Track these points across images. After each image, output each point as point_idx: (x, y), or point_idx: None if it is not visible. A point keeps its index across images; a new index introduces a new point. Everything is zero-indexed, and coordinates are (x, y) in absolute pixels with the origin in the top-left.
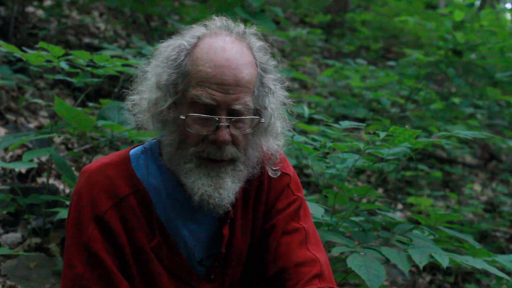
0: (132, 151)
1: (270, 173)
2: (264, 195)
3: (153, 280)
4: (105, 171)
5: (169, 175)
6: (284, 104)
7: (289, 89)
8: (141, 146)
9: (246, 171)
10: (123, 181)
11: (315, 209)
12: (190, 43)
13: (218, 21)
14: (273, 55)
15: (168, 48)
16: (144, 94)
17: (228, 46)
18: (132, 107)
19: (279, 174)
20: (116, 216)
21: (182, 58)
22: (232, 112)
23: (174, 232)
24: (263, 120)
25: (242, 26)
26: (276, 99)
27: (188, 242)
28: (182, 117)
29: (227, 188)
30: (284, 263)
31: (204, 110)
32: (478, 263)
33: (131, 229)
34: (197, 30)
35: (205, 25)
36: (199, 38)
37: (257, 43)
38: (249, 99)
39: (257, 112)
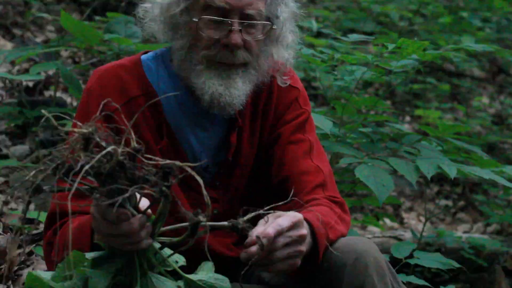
0: (143, 56)
1: (279, 82)
2: (273, 107)
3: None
4: (116, 72)
5: (179, 81)
6: (295, 16)
7: (297, 2)
8: (152, 52)
9: (257, 76)
10: (134, 83)
11: (323, 123)
12: None
13: None
14: None
15: None
16: (156, 0)
17: None
18: (143, 15)
19: (288, 84)
20: (125, 115)
21: None
22: (245, 17)
23: (181, 138)
24: (275, 26)
25: None
26: (288, 9)
27: (195, 148)
28: (195, 19)
29: (238, 88)
30: (288, 172)
31: (217, 14)
32: (486, 174)
33: (140, 129)
34: None
35: None
36: None
37: None
38: (262, 5)
39: (269, 19)
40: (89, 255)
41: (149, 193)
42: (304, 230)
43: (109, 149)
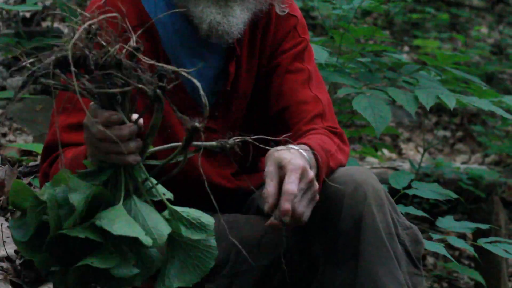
0: None
1: (278, 10)
2: (271, 35)
3: (163, 122)
4: (113, 2)
5: (177, 11)
6: None
7: None
8: None
9: (255, 4)
10: (130, 12)
11: (319, 53)
12: None
13: None
14: None
15: None
16: None
17: None
18: None
19: (286, 12)
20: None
21: None
22: None
23: (178, 68)
24: None
25: None
26: None
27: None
28: None
29: (236, 16)
30: (287, 101)
31: None
32: (484, 104)
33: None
34: None
35: None
36: None
37: None
38: None
39: None
40: (78, 171)
41: (142, 100)
42: (311, 174)
43: (111, 48)
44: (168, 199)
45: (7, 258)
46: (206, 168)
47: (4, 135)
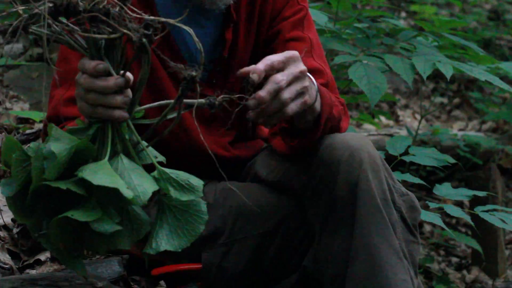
0: None
1: None
2: (271, 2)
3: (155, 83)
4: None
5: None
6: None
7: None
8: None
9: None
10: None
11: (318, 17)
12: None
13: None
14: None
15: None
16: None
17: None
18: None
19: None
20: None
21: None
22: None
23: (176, 35)
24: None
25: None
26: None
27: (190, 45)
28: None
29: None
30: None
31: None
32: (482, 75)
33: None
34: None
35: None
36: None
37: None
38: None
39: None
40: (67, 128)
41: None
42: (303, 65)
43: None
44: (159, 162)
45: (4, 227)
46: (204, 136)
47: (0, 103)
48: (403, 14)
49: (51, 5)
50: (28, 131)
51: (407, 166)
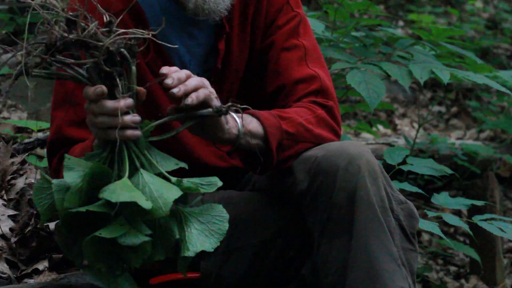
0: None
1: None
2: (264, 11)
3: (149, 95)
4: None
5: None
6: None
7: None
8: None
9: None
10: None
11: (315, 25)
12: None
13: None
14: None
15: None
16: None
17: None
18: None
19: None
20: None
21: None
22: None
23: (169, 48)
24: None
25: None
26: None
27: (183, 57)
28: None
29: None
30: (283, 80)
31: None
32: (480, 78)
33: None
34: None
35: None
36: None
37: None
38: None
39: None
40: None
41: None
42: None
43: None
44: (181, 168)
45: (2, 236)
46: (200, 148)
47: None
48: (401, 23)
49: (41, 47)
50: (26, 141)
51: (405, 175)
